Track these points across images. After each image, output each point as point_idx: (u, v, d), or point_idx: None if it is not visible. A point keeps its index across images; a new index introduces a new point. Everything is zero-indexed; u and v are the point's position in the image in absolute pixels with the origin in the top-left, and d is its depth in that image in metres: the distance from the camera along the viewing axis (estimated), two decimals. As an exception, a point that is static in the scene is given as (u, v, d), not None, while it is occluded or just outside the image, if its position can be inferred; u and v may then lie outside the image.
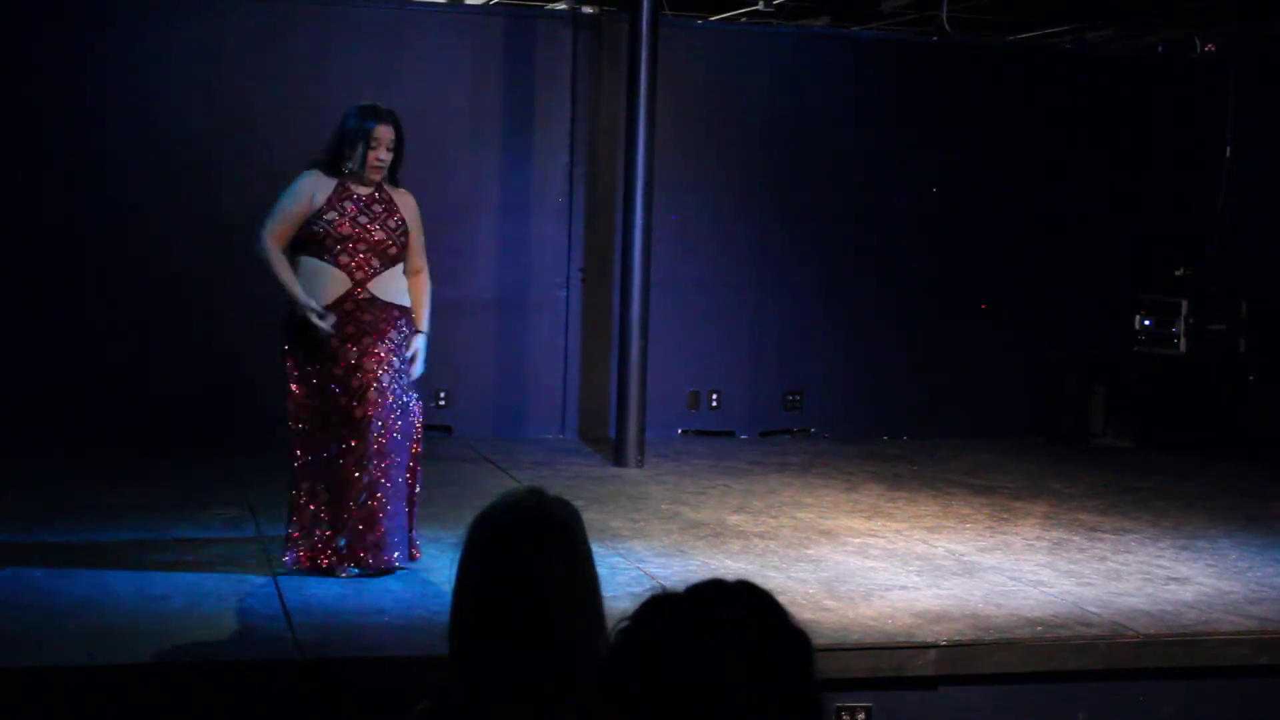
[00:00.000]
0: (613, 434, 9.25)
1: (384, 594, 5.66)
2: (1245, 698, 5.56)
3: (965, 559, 6.62)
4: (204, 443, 8.94)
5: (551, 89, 9.84)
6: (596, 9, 9.91)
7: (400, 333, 6.05)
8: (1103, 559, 6.70)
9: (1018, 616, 5.63)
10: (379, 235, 6.04)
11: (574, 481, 8.20)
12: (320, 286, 5.96)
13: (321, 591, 5.66)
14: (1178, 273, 10.63)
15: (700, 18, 10.53)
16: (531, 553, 2.26)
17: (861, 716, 5.15)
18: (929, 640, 5.27)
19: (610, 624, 1.79)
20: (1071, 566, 6.51)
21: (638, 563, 6.30)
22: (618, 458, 8.92)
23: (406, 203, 6.20)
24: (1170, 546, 7.01)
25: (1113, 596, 5.99)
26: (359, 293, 5.98)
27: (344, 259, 5.98)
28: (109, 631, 5.06)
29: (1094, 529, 7.39)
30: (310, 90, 9.49)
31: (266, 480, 7.96)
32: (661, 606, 1.68)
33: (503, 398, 9.94)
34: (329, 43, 9.53)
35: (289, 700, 4.79)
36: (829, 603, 5.74)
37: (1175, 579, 6.34)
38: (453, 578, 2.31)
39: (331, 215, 5.99)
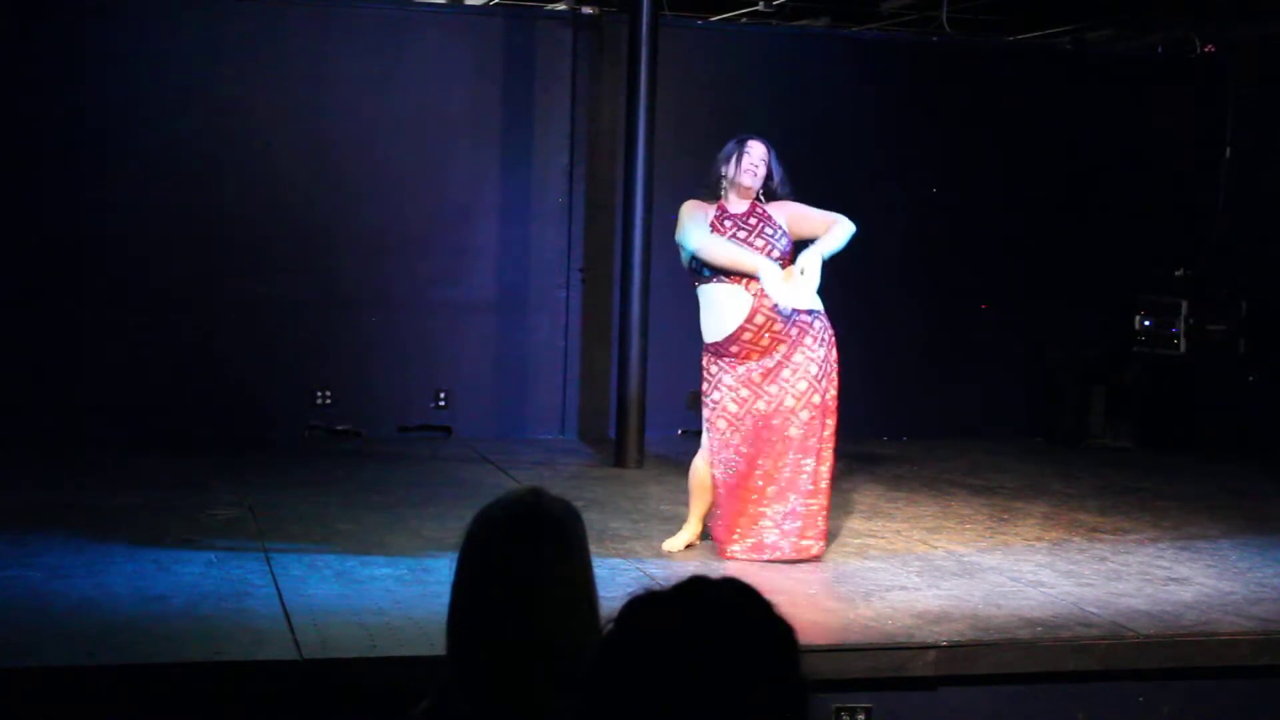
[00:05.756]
0: (613, 434, 9.25)
1: (384, 594, 5.66)
2: (1245, 698, 5.56)
3: (965, 559, 6.62)
4: (204, 442, 8.95)
5: (551, 89, 9.84)
6: (596, 9, 9.90)
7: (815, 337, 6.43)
8: (1103, 559, 6.70)
9: (1018, 617, 5.63)
10: (759, 244, 6.39)
11: (574, 481, 8.20)
12: (721, 303, 6.39)
13: (321, 591, 5.66)
14: (1178, 273, 10.62)
15: (700, 18, 10.52)
16: (527, 551, 2.26)
17: (861, 717, 5.14)
18: (929, 640, 5.27)
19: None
20: (1071, 567, 6.51)
21: (638, 563, 6.30)
22: (618, 458, 8.91)
23: (782, 206, 6.57)
24: (1170, 546, 7.01)
25: (1113, 597, 5.98)
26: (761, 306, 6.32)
27: (735, 275, 6.35)
28: (109, 631, 5.05)
29: (1094, 529, 7.38)
30: (310, 91, 9.51)
31: (266, 480, 7.99)
32: (645, 605, 1.68)
33: (503, 398, 9.94)
34: (328, 43, 9.53)
35: (289, 700, 4.79)
36: (829, 603, 5.74)
37: (1175, 579, 6.34)
38: (451, 575, 2.31)
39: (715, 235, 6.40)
